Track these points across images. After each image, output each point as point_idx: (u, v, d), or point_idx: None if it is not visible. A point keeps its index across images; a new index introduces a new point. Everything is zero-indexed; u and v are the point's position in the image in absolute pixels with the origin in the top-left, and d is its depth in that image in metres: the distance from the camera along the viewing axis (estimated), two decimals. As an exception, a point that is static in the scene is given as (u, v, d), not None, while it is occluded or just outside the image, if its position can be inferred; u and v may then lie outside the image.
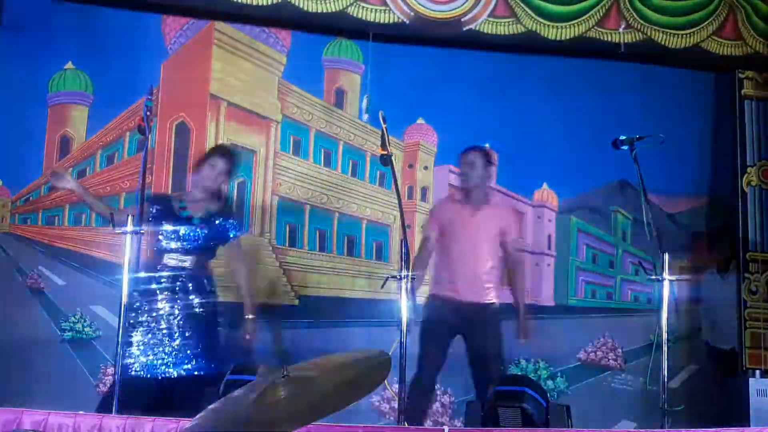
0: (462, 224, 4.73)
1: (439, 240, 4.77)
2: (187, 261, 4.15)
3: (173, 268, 4.12)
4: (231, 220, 4.34)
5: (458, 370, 5.49)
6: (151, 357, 3.98)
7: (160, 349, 4.00)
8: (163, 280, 4.10)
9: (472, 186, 4.78)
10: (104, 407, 3.59)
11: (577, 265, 6.04)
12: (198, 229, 4.18)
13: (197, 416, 1.80)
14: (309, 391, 1.75)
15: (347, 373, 1.86)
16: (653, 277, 3.95)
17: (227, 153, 4.46)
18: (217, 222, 4.25)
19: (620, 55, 5.61)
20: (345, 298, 5.48)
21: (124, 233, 3.59)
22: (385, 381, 2.53)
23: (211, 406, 1.82)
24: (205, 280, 4.19)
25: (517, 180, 5.95)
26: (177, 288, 4.09)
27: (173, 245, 4.14)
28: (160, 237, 4.15)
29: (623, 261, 6.09)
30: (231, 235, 4.31)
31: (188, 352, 4.03)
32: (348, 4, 5.23)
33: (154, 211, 4.17)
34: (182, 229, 4.15)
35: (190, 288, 4.11)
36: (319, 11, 5.19)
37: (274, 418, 1.67)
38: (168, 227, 4.12)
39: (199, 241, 4.18)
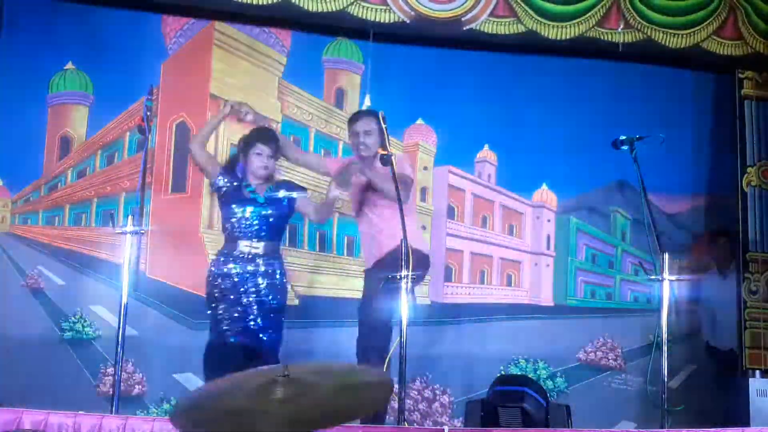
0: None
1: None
2: (260, 247, 4.34)
3: (246, 254, 4.33)
4: (290, 190, 4.52)
5: (458, 370, 5.51)
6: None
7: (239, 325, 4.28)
8: (237, 267, 4.31)
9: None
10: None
11: (576, 265, 6.04)
12: (265, 210, 4.38)
13: (192, 390, 1.81)
14: (307, 397, 1.74)
15: (348, 382, 1.85)
16: (653, 277, 3.96)
17: (269, 136, 4.54)
18: (280, 195, 4.45)
19: (620, 55, 5.61)
20: (345, 298, 5.48)
21: (124, 233, 3.59)
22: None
23: (206, 386, 1.81)
24: (276, 267, 4.39)
25: (517, 180, 5.96)
26: (249, 274, 4.32)
27: (245, 230, 4.35)
28: (232, 221, 4.36)
29: (623, 261, 6.10)
30: (296, 198, 4.50)
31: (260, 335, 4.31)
32: (348, 3, 5.23)
33: (226, 185, 4.42)
34: (250, 211, 4.37)
35: (263, 271, 4.33)
36: (319, 11, 5.19)
37: (273, 417, 1.67)
38: (238, 211, 4.35)
39: (269, 219, 4.38)
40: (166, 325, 5.20)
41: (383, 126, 4.02)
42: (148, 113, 3.80)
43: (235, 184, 4.44)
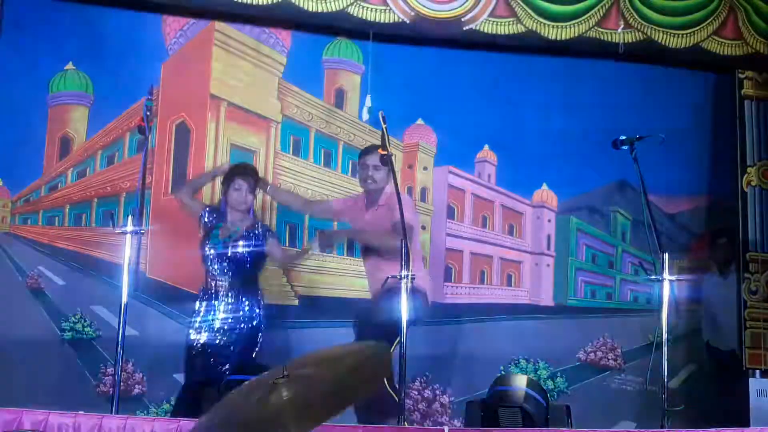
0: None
1: None
2: (233, 277, 4.46)
3: (221, 284, 4.46)
4: (264, 230, 4.62)
5: (458, 370, 5.51)
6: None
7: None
8: (212, 292, 4.46)
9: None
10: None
11: (576, 265, 6.04)
12: (239, 246, 4.48)
13: (201, 418, 1.80)
14: (312, 389, 1.73)
15: (347, 364, 1.84)
16: (653, 277, 3.96)
17: (246, 171, 4.65)
18: (256, 233, 4.53)
19: (620, 55, 5.61)
20: (345, 298, 5.48)
21: (124, 233, 3.59)
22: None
23: (213, 409, 1.82)
24: (249, 297, 4.46)
25: (517, 180, 5.96)
26: (223, 303, 4.43)
27: (216, 264, 4.48)
28: (208, 253, 4.50)
29: (623, 261, 6.10)
30: (268, 242, 4.57)
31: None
32: (348, 3, 5.23)
33: (210, 221, 4.59)
34: (225, 249, 4.49)
35: (235, 302, 4.43)
36: (319, 11, 5.19)
37: (282, 419, 1.66)
38: (211, 249, 4.49)
39: (244, 257, 4.47)
40: (166, 325, 5.20)
41: (383, 126, 4.02)
42: (148, 113, 3.80)
43: (218, 219, 4.58)
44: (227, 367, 4.31)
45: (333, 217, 5.16)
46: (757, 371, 5.45)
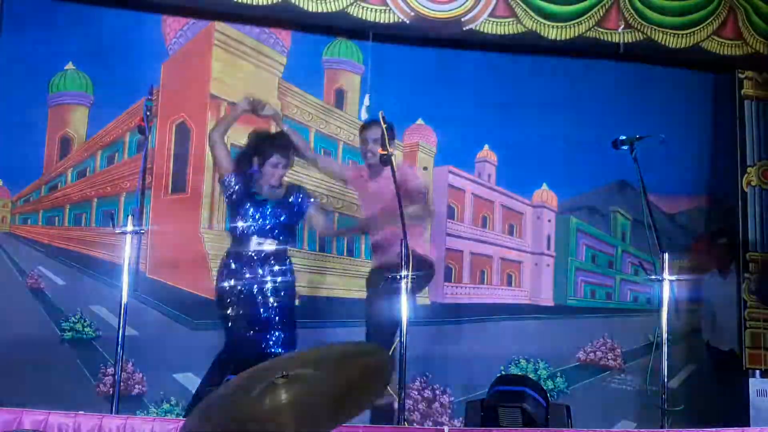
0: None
1: None
2: (273, 245, 4.34)
3: (258, 253, 4.32)
4: (300, 196, 4.52)
5: (458, 370, 5.51)
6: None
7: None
8: (248, 266, 4.31)
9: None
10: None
11: (576, 265, 6.04)
12: (276, 214, 4.37)
13: (192, 413, 1.78)
14: (314, 396, 1.71)
15: (349, 372, 1.82)
16: (653, 277, 3.95)
17: (284, 145, 4.49)
18: (290, 200, 4.45)
19: (620, 55, 5.61)
20: (345, 298, 5.48)
21: (124, 233, 3.59)
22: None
23: (204, 403, 1.79)
24: (287, 267, 4.40)
25: (517, 180, 5.96)
26: (261, 271, 4.31)
27: (257, 229, 4.34)
28: (244, 220, 4.35)
29: (623, 261, 6.10)
30: (305, 207, 4.51)
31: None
32: (348, 4, 5.22)
33: (238, 183, 4.37)
34: (260, 215, 4.35)
35: (274, 271, 4.32)
36: (319, 11, 5.19)
37: (282, 422, 1.65)
38: (250, 210, 4.35)
39: (281, 222, 4.37)
40: (166, 325, 5.20)
41: (383, 126, 4.02)
42: (148, 113, 3.80)
43: (247, 184, 4.41)
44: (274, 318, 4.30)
45: (340, 179, 5.18)
46: (757, 371, 5.44)
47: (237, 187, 4.39)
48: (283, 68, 5.64)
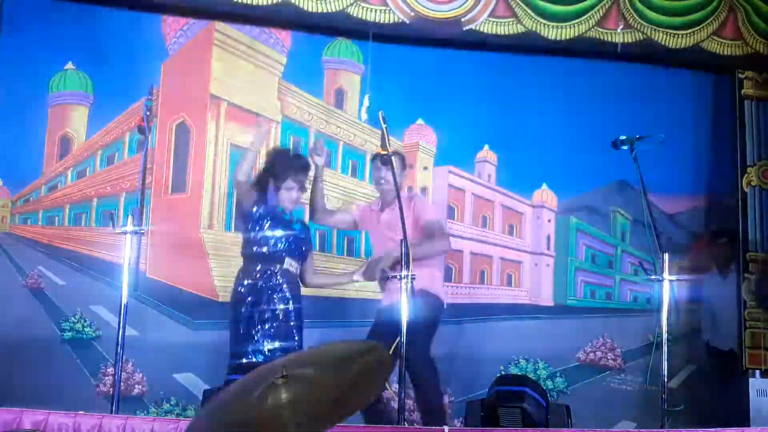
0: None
1: None
2: (298, 262, 4.38)
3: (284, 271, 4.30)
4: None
5: (458, 370, 5.51)
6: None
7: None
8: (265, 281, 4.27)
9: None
10: None
11: (576, 265, 6.04)
12: (299, 231, 4.41)
13: (193, 417, 1.79)
14: (314, 395, 1.72)
15: (349, 371, 1.82)
16: (653, 277, 3.96)
17: (300, 168, 4.44)
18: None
19: (620, 55, 5.62)
20: (345, 298, 5.48)
21: (124, 233, 3.59)
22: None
23: (207, 406, 1.80)
24: (297, 281, 4.42)
25: (517, 180, 5.96)
26: (275, 288, 4.28)
27: (286, 250, 4.33)
28: (272, 243, 4.30)
29: (622, 261, 6.10)
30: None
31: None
32: (348, 4, 5.23)
33: (264, 212, 4.31)
34: (288, 234, 4.35)
35: (286, 289, 4.30)
36: (319, 11, 5.19)
37: (282, 422, 1.65)
38: (278, 233, 4.32)
39: (302, 239, 4.43)
40: (166, 325, 5.20)
41: (383, 126, 4.02)
42: (148, 113, 3.80)
43: (271, 210, 4.35)
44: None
45: (353, 227, 5.04)
46: (757, 371, 5.44)
47: (264, 215, 4.33)
48: (283, 68, 5.64)
